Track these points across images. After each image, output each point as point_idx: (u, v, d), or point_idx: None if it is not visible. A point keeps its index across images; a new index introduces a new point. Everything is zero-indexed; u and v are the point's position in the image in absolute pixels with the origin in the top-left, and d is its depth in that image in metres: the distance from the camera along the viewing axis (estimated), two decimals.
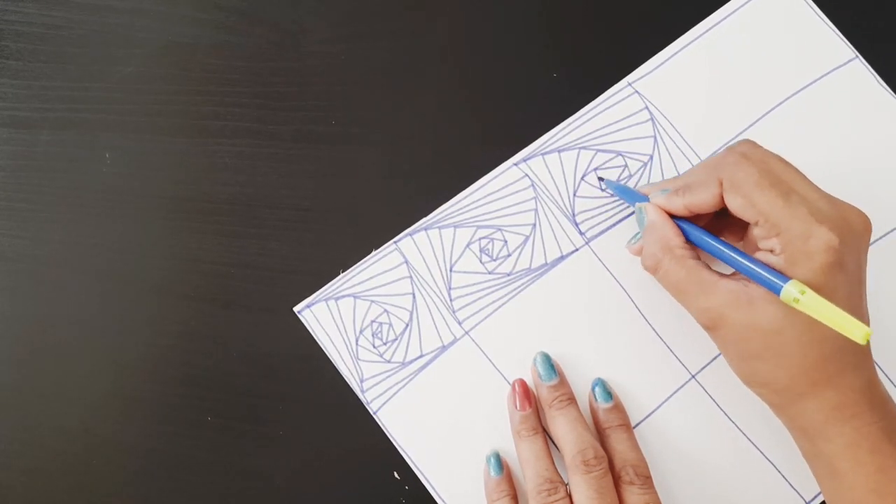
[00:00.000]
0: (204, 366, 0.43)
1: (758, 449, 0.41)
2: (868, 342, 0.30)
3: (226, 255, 0.44)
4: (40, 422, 0.43)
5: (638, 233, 0.40)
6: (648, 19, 0.46)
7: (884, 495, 0.33)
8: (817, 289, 0.31)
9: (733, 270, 0.35)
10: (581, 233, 0.43)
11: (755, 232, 0.34)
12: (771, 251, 0.33)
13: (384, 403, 0.42)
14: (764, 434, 0.41)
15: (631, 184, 0.43)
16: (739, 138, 0.43)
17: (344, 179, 0.45)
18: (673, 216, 0.37)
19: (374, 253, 0.44)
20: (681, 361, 0.42)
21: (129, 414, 0.43)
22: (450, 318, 0.43)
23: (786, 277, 0.32)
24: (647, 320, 0.42)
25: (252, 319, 0.43)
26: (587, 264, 0.43)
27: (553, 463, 0.40)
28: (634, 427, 0.41)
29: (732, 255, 0.34)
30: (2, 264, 0.44)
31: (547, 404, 0.41)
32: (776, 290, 0.32)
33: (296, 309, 0.43)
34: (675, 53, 0.45)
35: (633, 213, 0.43)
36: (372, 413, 0.42)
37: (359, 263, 0.43)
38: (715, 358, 0.42)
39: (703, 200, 0.35)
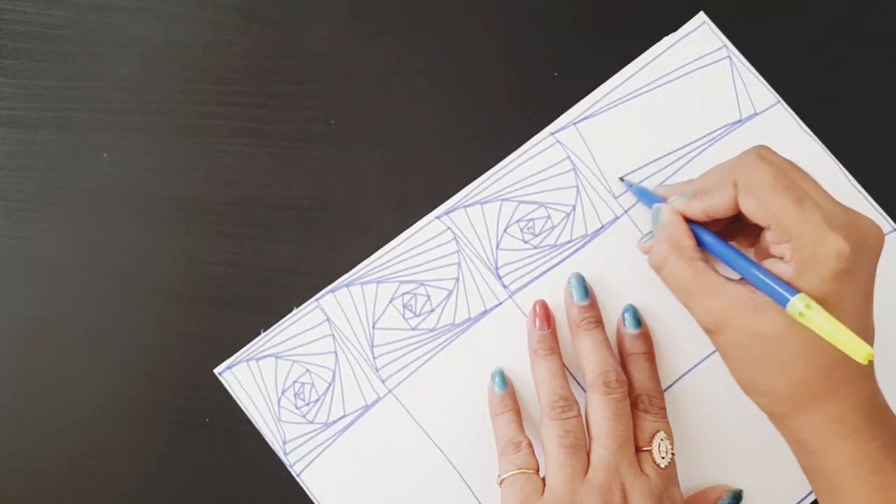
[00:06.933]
0: (202, 366, 0.43)
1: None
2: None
3: (225, 255, 0.44)
4: (38, 423, 0.43)
5: (650, 232, 0.39)
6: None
7: None
8: (825, 298, 0.31)
9: (741, 276, 0.34)
10: (504, 286, 0.43)
11: (767, 236, 0.34)
12: (781, 258, 0.33)
13: (307, 465, 0.42)
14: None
15: (554, 235, 0.43)
16: (663, 185, 0.43)
17: (344, 179, 0.45)
18: (689, 220, 0.37)
19: (295, 311, 0.43)
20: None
21: (128, 415, 0.43)
22: (373, 376, 0.42)
23: (793, 290, 0.31)
24: (570, 374, 0.42)
25: (251, 320, 0.43)
26: (511, 318, 0.43)
27: (568, 383, 0.40)
28: None
29: (742, 262, 0.34)
30: (0, 264, 0.44)
31: (575, 324, 0.41)
32: (783, 303, 0.31)
33: (217, 371, 0.43)
34: (597, 102, 0.44)
35: (555, 265, 0.43)
36: (295, 475, 0.42)
37: (280, 322, 0.43)
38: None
39: (719, 203, 0.35)
